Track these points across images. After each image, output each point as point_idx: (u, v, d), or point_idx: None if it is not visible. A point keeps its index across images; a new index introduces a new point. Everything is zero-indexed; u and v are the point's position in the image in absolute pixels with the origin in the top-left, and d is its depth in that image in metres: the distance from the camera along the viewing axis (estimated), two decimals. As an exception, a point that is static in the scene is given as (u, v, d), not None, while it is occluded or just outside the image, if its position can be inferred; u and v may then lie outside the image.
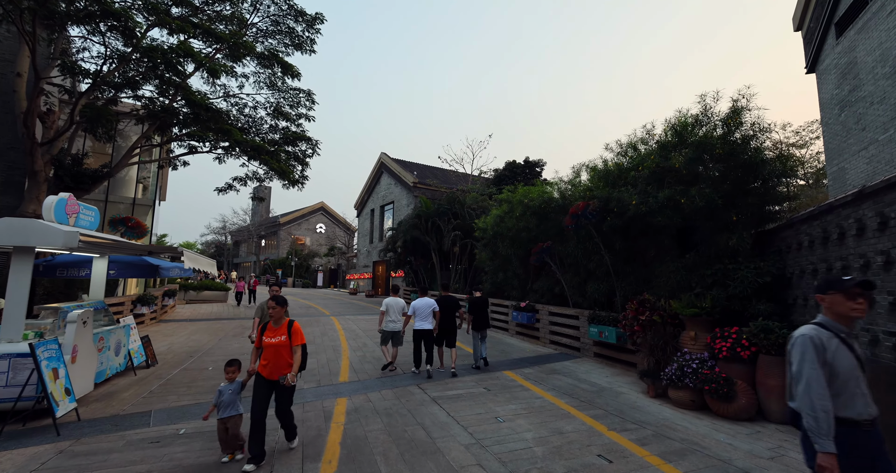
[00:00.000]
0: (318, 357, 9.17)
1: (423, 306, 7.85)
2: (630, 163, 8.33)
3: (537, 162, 30.60)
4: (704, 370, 5.54)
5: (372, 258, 33.86)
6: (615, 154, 8.90)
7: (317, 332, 12.90)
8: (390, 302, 8.05)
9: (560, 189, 10.99)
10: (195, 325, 14.27)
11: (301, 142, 17.56)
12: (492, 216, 13.95)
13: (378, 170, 34.22)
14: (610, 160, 9.14)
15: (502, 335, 12.90)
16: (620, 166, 8.62)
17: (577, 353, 9.62)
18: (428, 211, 21.86)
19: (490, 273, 15.13)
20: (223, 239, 61.88)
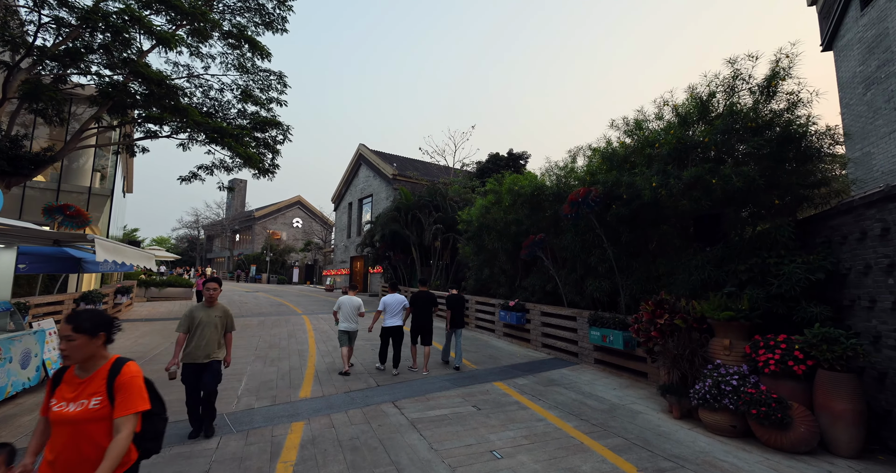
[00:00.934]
0: (280, 365, 7.90)
1: (394, 302, 7.59)
2: (640, 142, 7.25)
3: (521, 154, 29.58)
4: (748, 389, 4.51)
5: (349, 254, 32.46)
6: (622, 133, 7.82)
7: (283, 334, 11.60)
8: (343, 301, 7.54)
9: (555, 176, 9.89)
10: (149, 325, 12.81)
11: (271, 128, 16.18)
12: (477, 207, 12.81)
13: (356, 162, 32.78)
14: (616, 140, 8.06)
15: (489, 336, 11.80)
16: (628, 147, 7.53)
17: (573, 359, 8.57)
18: (408, 203, 20.62)
19: (475, 269, 14.01)
20: (196, 234, 59.40)
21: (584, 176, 8.47)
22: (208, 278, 4.99)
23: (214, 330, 4.74)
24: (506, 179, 11.17)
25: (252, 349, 9.35)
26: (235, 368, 7.60)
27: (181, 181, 16.37)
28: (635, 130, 7.49)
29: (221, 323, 4.86)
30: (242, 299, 21.76)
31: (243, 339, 10.61)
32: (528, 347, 10.08)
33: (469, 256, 14.15)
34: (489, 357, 8.99)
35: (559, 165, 9.90)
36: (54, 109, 12.29)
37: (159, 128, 14.42)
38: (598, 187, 7.62)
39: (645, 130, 7.29)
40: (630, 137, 7.57)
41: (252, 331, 11.99)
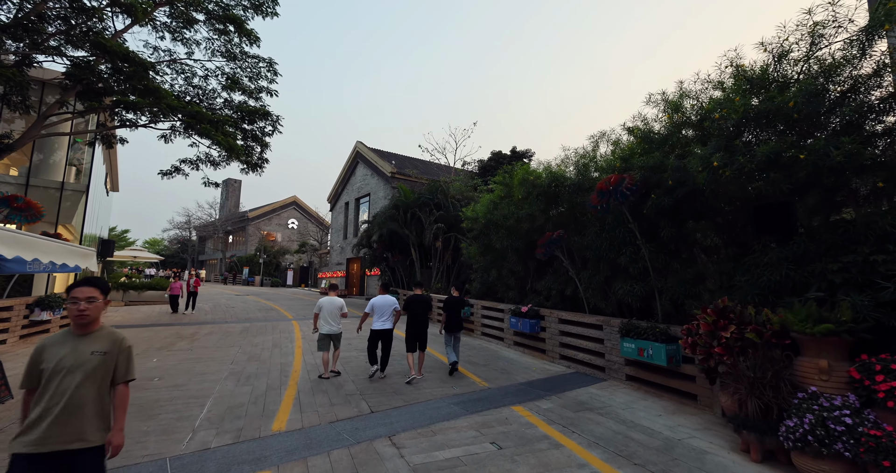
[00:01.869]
0: (256, 384, 6.68)
1: (383, 304, 7.17)
2: (691, 115, 6.02)
3: (525, 152, 28.48)
4: (869, 430, 3.33)
5: (346, 255, 31.23)
6: (661, 110, 6.63)
7: (268, 343, 10.37)
8: (324, 302, 7.24)
9: (573, 165, 8.68)
10: (119, 333, 11.55)
11: (260, 119, 15.00)
12: (484, 203, 11.63)
13: (353, 160, 31.60)
14: (655, 118, 6.86)
15: (497, 345, 10.60)
16: (674, 123, 6.31)
17: (599, 374, 7.37)
18: (407, 201, 19.42)
19: (480, 271, 12.82)
20: (187, 235, 58.01)
21: (612, 162, 7.29)
22: (83, 280, 2.50)
23: (89, 383, 2.40)
24: (518, 170, 9.97)
25: (227, 363, 8.12)
26: (201, 388, 6.38)
27: (162, 176, 15.21)
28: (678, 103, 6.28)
29: (104, 369, 2.49)
30: (230, 302, 20.51)
31: (219, 350, 9.38)
32: (544, 358, 8.88)
33: (474, 256, 12.96)
34: (501, 371, 7.80)
35: (578, 153, 8.70)
36: (19, 95, 11.12)
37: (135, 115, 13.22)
38: (634, 174, 6.45)
39: (694, 101, 6.08)
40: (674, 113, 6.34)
41: (233, 340, 10.76)
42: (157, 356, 8.75)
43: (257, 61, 14.91)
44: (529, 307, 9.18)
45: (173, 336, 11.16)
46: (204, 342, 10.46)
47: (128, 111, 12.45)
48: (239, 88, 14.76)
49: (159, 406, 5.51)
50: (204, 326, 13.19)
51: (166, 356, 8.66)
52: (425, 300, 7.37)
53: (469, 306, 12.43)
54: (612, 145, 8.20)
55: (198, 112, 11.23)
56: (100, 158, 21.58)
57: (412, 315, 7.22)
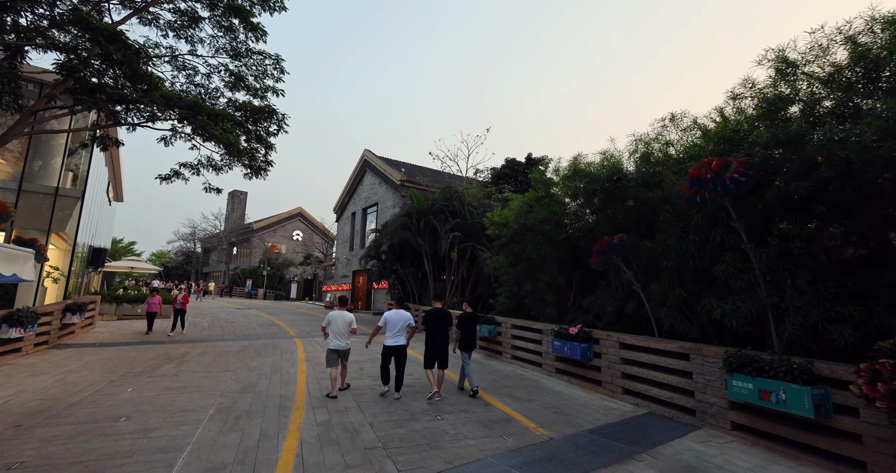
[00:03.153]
0: (248, 428, 5.17)
1: (397, 318, 6.76)
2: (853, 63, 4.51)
3: (541, 159, 27.05)
4: None
5: (352, 267, 29.79)
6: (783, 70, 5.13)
7: (267, 367, 8.86)
8: (334, 316, 6.92)
9: (640, 154, 7.19)
10: (100, 353, 10.09)
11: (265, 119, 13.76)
12: (514, 206, 10.18)
13: (361, 169, 30.36)
14: (771, 77, 5.34)
15: (534, 372, 9.04)
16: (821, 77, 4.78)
17: (687, 417, 5.79)
18: (420, 208, 18.00)
19: (508, 284, 11.31)
20: (192, 246, 56.81)
21: (701, 146, 5.82)
22: None
23: None
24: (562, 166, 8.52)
25: (216, 395, 6.62)
26: (176, 435, 4.88)
27: (161, 181, 13.96)
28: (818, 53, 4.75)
29: None
30: (230, 317, 19.03)
31: (209, 376, 7.89)
32: (600, 392, 7.31)
33: (500, 268, 11.46)
34: (554, 410, 6.24)
35: (645, 139, 7.17)
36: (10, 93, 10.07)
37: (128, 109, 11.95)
38: (741, 157, 4.96)
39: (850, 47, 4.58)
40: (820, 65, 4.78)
41: (227, 362, 9.26)
42: (135, 383, 7.26)
43: (263, 58, 13.72)
44: (580, 328, 7.64)
45: (160, 358, 9.68)
46: (193, 365, 8.97)
47: (120, 105, 11.17)
48: (244, 87, 13.57)
49: (112, 468, 4.01)
50: (197, 345, 11.70)
51: (145, 385, 7.18)
52: (446, 315, 6.95)
53: (495, 324, 10.91)
54: (685, 128, 6.73)
55: (195, 103, 9.92)
56: (99, 164, 20.41)
57: (432, 331, 6.86)
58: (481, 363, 10.21)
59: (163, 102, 9.67)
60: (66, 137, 16.48)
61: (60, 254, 17.52)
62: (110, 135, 16.92)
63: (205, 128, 9.89)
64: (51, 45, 9.69)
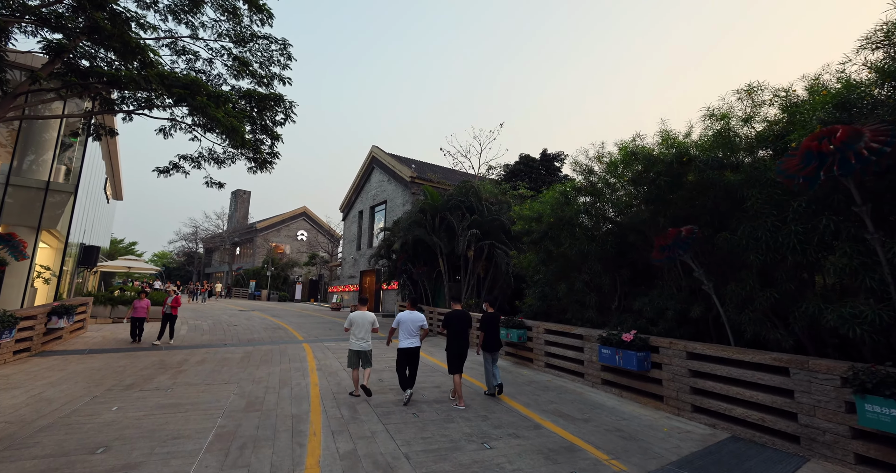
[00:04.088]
0: (256, 462, 4.16)
1: (410, 319, 6.65)
2: None
3: (557, 155, 26.11)
4: None
5: (359, 268, 28.81)
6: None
7: (274, 378, 7.86)
8: (356, 317, 6.76)
9: (713, 131, 6.11)
10: (88, 361, 9.12)
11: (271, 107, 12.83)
12: (549, 198, 9.16)
13: (368, 165, 29.38)
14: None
15: (576, 384, 8.01)
16: None
17: (789, 445, 4.73)
18: (435, 205, 16.97)
19: (540, 285, 10.28)
20: (194, 246, 55.91)
21: (804, 113, 4.78)
22: None
23: None
24: (613, 150, 7.49)
25: (216, 415, 5.62)
26: (165, 472, 3.88)
27: (159, 174, 13.07)
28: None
29: None
30: (233, 320, 18.05)
31: (209, 389, 6.89)
32: (661, 409, 6.27)
33: (530, 267, 10.44)
34: (619, 435, 5.22)
35: (718, 114, 6.10)
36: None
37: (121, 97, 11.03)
38: (880, 123, 3.93)
39: None
40: None
41: (229, 372, 8.27)
42: (122, 400, 6.27)
43: (269, 43, 12.73)
44: (635, 335, 6.61)
45: (154, 367, 8.70)
46: (191, 375, 7.98)
47: (112, 87, 10.20)
48: (248, 73, 12.61)
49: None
50: (196, 351, 10.72)
51: (134, 401, 6.19)
52: (466, 317, 6.77)
53: (524, 328, 9.89)
54: (778, 98, 5.67)
55: (194, 81, 8.94)
56: (94, 158, 19.49)
57: (453, 333, 6.60)
58: (511, 371, 9.19)
59: (158, 81, 8.70)
60: (58, 129, 15.56)
61: (52, 253, 16.59)
62: (105, 124, 16.01)
63: (204, 110, 8.91)
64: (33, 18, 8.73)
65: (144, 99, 11.67)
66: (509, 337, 10.11)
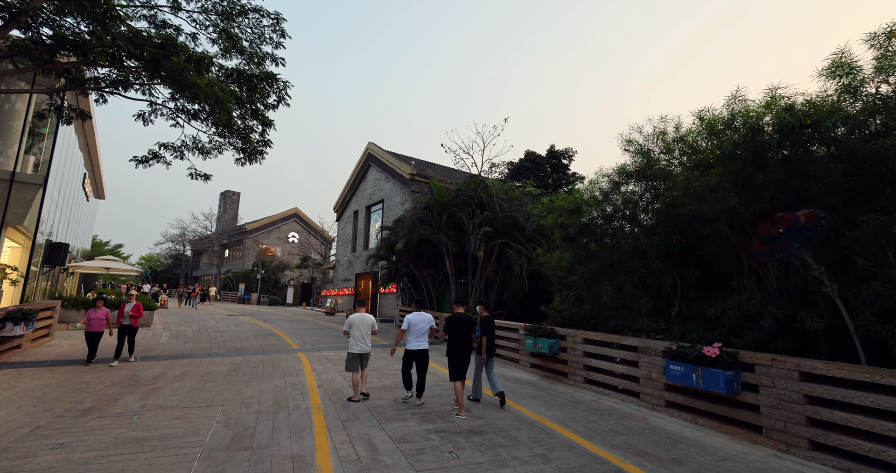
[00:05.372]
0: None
1: (420, 321, 6.42)
2: None
3: (565, 152, 24.96)
4: None
5: (354, 270, 27.35)
6: None
7: (266, 399, 6.46)
8: (356, 319, 6.57)
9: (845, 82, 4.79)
10: (43, 377, 7.65)
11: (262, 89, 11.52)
12: (591, 185, 7.88)
13: (364, 163, 27.99)
14: None
15: (628, 404, 6.70)
16: None
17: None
18: (442, 201, 15.63)
19: (573, 287, 8.97)
20: (181, 248, 53.93)
21: None
22: None
23: None
24: (699, 119, 6.17)
25: (191, 456, 4.22)
26: None
27: (137, 164, 11.73)
28: None
29: None
30: (220, 325, 16.51)
31: (187, 415, 5.48)
32: (761, 442, 4.97)
33: (562, 267, 9.14)
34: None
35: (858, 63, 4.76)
36: None
37: (83, 58, 9.53)
38: None
39: None
40: None
41: (213, 390, 6.85)
42: (72, 431, 4.85)
43: (260, 17, 11.39)
44: (720, 350, 5.32)
45: (124, 382, 7.26)
46: (167, 394, 6.56)
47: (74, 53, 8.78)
48: (238, 50, 11.25)
49: None
50: (177, 362, 9.27)
51: (86, 435, 4.77)
52: (469, 320, 6.44)
53: (556, 337, 8.59)
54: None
55: (168, 40, 7.51)
56: (68, 148, 17.89)
57: (455, 337, 6.29)
58: (543, 387, 7.88)
59: (126, 38, 7.26)
60: (24, 115, 14.04)
61: (21, 252, 14.99)
62: (79, 107, 14.49)
63: (181, 75, 7.46)
64: None
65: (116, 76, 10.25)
66: (538, 347, 8.81)
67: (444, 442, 4.78)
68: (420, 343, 6.34)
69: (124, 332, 9.07)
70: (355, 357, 6.43)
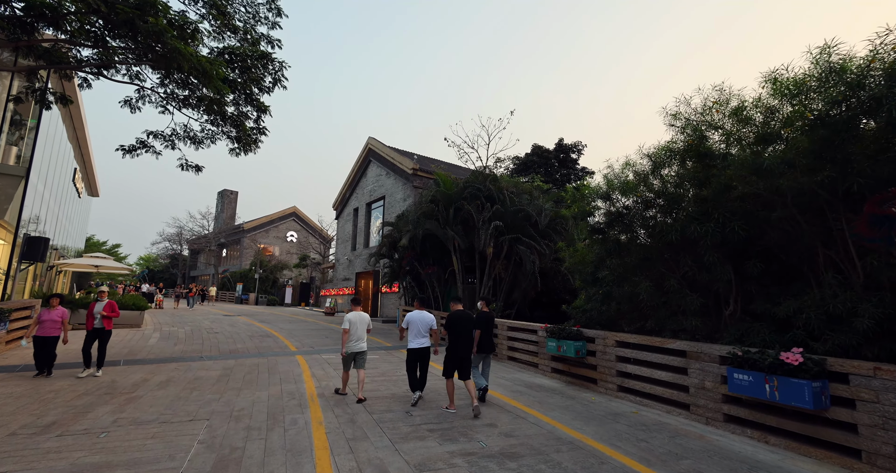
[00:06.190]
0: None
1: (420, 320, 6.31)
2: None
3: (574, 146, 24.07)
4: None
5: (354, 269, 26.44)
6: None
7: (259, 411, 5.57)
8: (353, 318, 6.38)
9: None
10: (10, 384, 6.76)
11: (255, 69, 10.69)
12: (626, 166, 7.00)
13: (364, 159, 27.08)
14: None
15: (674, 417, 5.82)
16: None
17: None
18: (449, 194, 14.74)
19: (602, 284, 8.09)
20: (178, 248, 52.92)
21: None
22: None
23: None
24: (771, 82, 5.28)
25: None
26: None
27: (124, 153, 10.87)
28: None
29: None
30: (215, 326, 15.61)
31: (164, 432, 4.58)
32: (857, 468, 4.09)
33: (587, 262, 8.27)
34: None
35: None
36: None
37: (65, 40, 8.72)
38: None
39: None
40: None
41: (199, 400, 5.95)
42: (21, 456, 3.97)
43: (254, -7, 10.58)
44: (804, 356, 4.44)
45: (99, 391, 6.38)
46: (145, 405, 5.67)
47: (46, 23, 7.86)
48: (230, 29, 10.42)
49: None
50: (163, 366, 8.38)
51: (38, 459, 3.89)
52: (469, 318, 6.33)
53: (583, 340, 7.72)
54: None
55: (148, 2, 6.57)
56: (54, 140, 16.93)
57: (456, 335, 6.12)
58: (571, 395, 7.00)
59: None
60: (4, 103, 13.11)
61: (2, 248, 14.09)
62: (64, 91, 13.59)
63: (160, 39, 6.53)
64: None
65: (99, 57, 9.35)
66: (561, 351, 7.94)
67: (473, 470, 3.89)
68: (422, 342, 6.26)
69: (94, 336, 7.44)
70: (351, 355, 6.35)
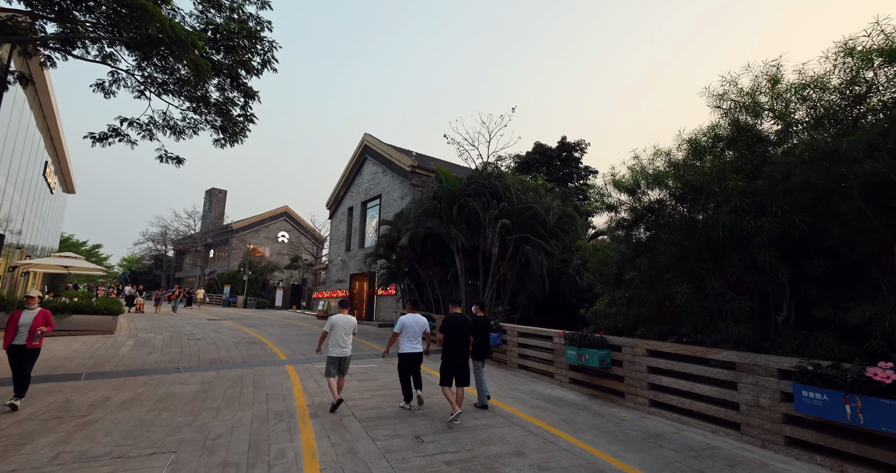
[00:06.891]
0: None
1: (413, 323, 6.23)
2: None
3: (577, 144, 23.33)
4: None
5: (349, 271, 25.49)
6: None
7: (239, 440, 4.66)
8: (337, 320, 6.16)
9: None
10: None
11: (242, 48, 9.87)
12: (657, 155, 6.20)
13: (360, 156, 26.15)
14: None
15: (723, 439, 5.02)
16: None
17: None
18: (452, 190, 13.87)
19: (628, 287, 7.28)
20: (162, 248, 51.43)
21: None
22: None
23: None
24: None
25: None
26: None
27: (94, 142, 9.89)
28: None
29: None
30: (197, 331, 14.58)
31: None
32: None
33: (611, 262, 7.46)
34: None
35: None
36: None
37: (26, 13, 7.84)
38: None
39: None
40: None
41: (167, 425, 5.02)
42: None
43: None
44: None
45: (46, 414, 5.42)
46: (100, 432, 4.74)
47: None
48: (213, 6, 9.60)
49: None
50: (131, 380, 7.43)
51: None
52: (466, 321, 6.16)
53: (607, 348, 6.92)
54: None
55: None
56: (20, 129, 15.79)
57: (453, 339, 5.95)
58: (598, 412, 6.18)
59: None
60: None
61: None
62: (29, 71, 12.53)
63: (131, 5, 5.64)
64: None
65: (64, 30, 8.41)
66: (583, 360, 7.14)
67: None
68: (414, 346, 6.13)
69: (15, 355, 5.63)
70: (335, 361, 6.05)
